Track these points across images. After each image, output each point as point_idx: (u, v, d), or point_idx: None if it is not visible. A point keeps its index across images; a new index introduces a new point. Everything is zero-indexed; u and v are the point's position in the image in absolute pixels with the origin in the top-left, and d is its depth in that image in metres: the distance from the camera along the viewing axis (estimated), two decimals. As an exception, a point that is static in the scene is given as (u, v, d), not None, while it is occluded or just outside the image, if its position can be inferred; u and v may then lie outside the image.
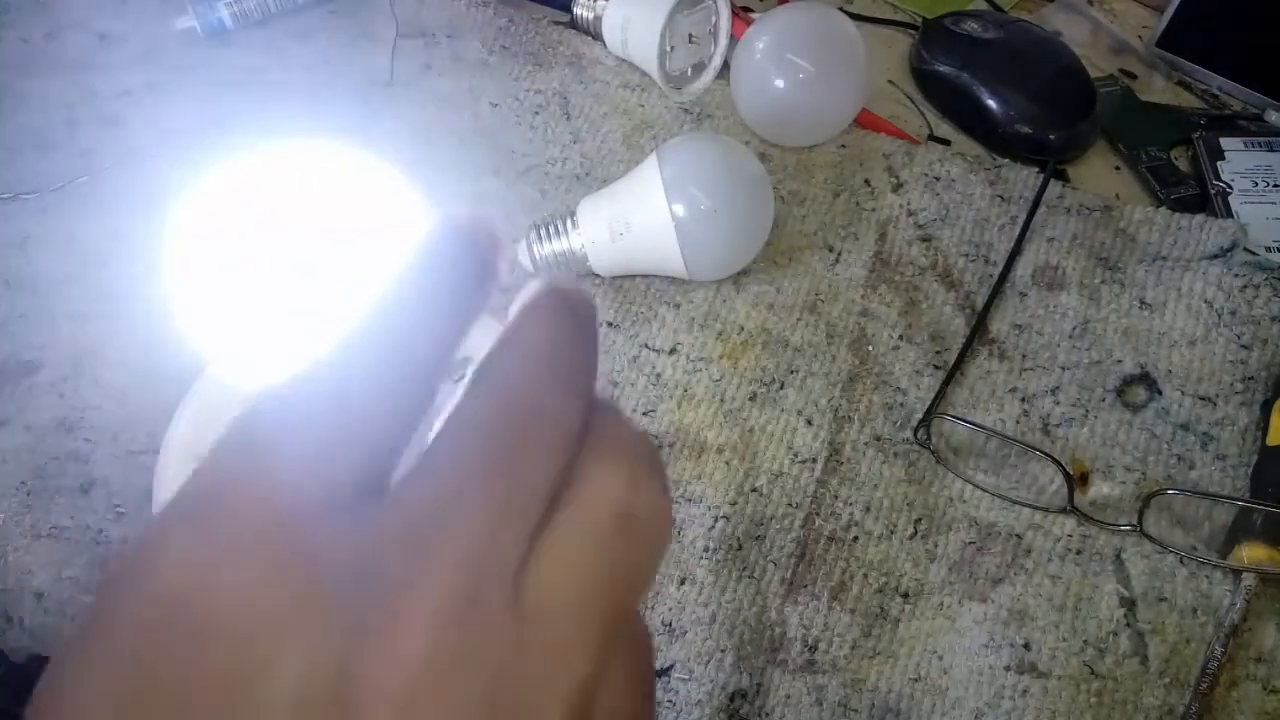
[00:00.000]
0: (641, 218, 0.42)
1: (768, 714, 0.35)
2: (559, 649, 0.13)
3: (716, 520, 0.39)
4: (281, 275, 0.25)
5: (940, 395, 0.42)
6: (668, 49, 0.51)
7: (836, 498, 0.40)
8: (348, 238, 0.25)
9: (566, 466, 0.14)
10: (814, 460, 0.41)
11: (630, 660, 0.15)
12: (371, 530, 0.13)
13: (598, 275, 0.45)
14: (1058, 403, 0.42)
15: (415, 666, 0.12)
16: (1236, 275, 0.44)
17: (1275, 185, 0.49)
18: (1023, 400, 0.42)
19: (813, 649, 0.36)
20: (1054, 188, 0.49)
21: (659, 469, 0.15)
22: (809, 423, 0.42)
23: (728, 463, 0.40)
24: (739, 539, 0.38)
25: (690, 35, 0.52)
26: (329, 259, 0.25)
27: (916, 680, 0.36)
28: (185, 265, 0.27)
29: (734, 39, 0.51)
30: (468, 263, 0.15)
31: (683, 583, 0.38)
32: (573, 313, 0.15)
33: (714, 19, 0.52)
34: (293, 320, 0.26)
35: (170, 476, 0.38)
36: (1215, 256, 0.45)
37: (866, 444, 0.41)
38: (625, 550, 0.14)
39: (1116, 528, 0.39)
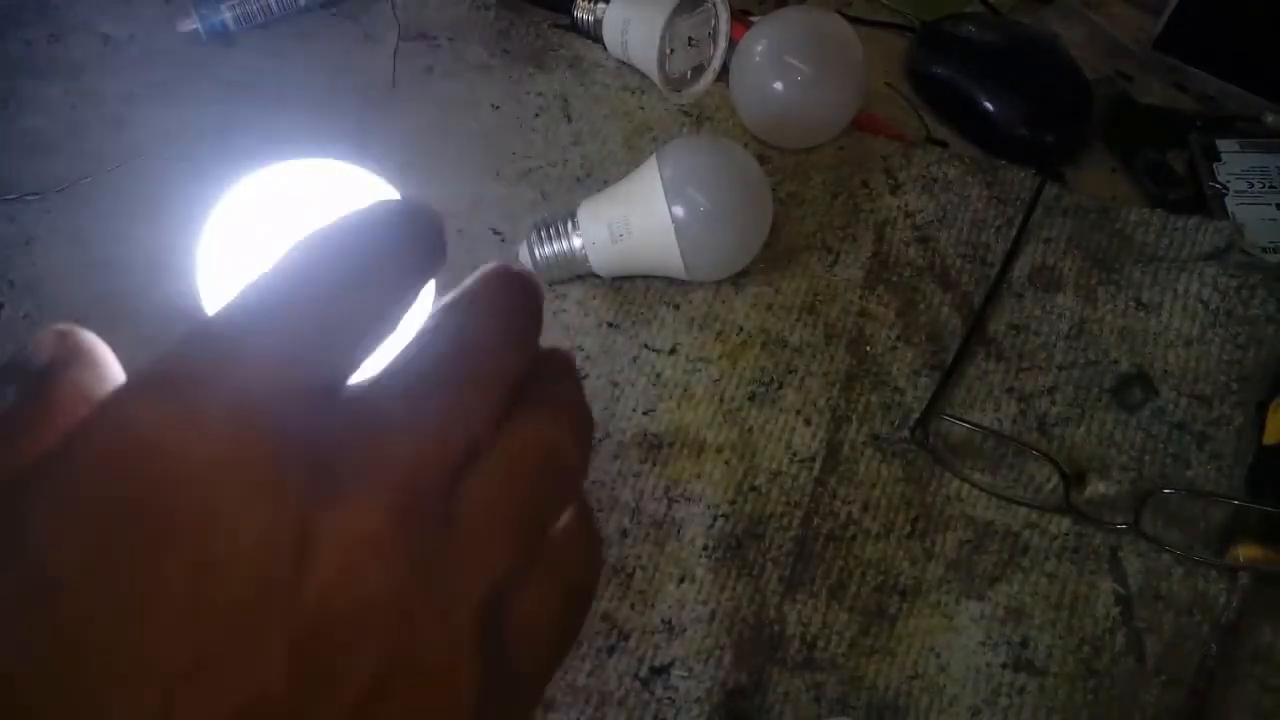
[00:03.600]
0: (641, 219, 0.43)
1: (766, 711, 0.35)
2: (476, 551, 0.15)
3: (715, 519, 0.39)
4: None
5: (938, 395, 0.42)
6: (668, 52, 0.51)
7: (835, 497, 0.40)
8: None
9: (506, 403, 0.17)
10: (812, 459, 0.41)
11: (552, 583, 0.17)
12: (330, 421, 0.15)
13: (598, 276, 0.45)
14: (1054, 402, 0.43)
15: (364, 537, 0.14)
16: (1232, 276, 0.45)
17: (1271, 186, 0.50)
18: (1019, 400, 0.43)
19: (811, 646, 0.37)
20: (1051, 189, 0.49)
21: (586, 419, 0.18)
22: (807, 422, 0.42)
23: (727, 462, 0.41)
24: (738, 538, 0.39)
25: (690, 38, 0.52)
26: None
27: (914, 678, 0.36)
28: (210, 280, 0.28)
29: (733, 42, 0.52)
30: (418, 225, 0.17)
31: (682, 581, 0.38)
32: (524, 283, 0.18)
33: (713, 22, 0.52)
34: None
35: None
36: (1211, 257, 0.46)
37: (864, 443, 0.41)
38: (544, 482, 0.17)
39: (1113, 526, 0.39)
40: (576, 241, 0.44)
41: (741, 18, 0.55)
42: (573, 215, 0.44)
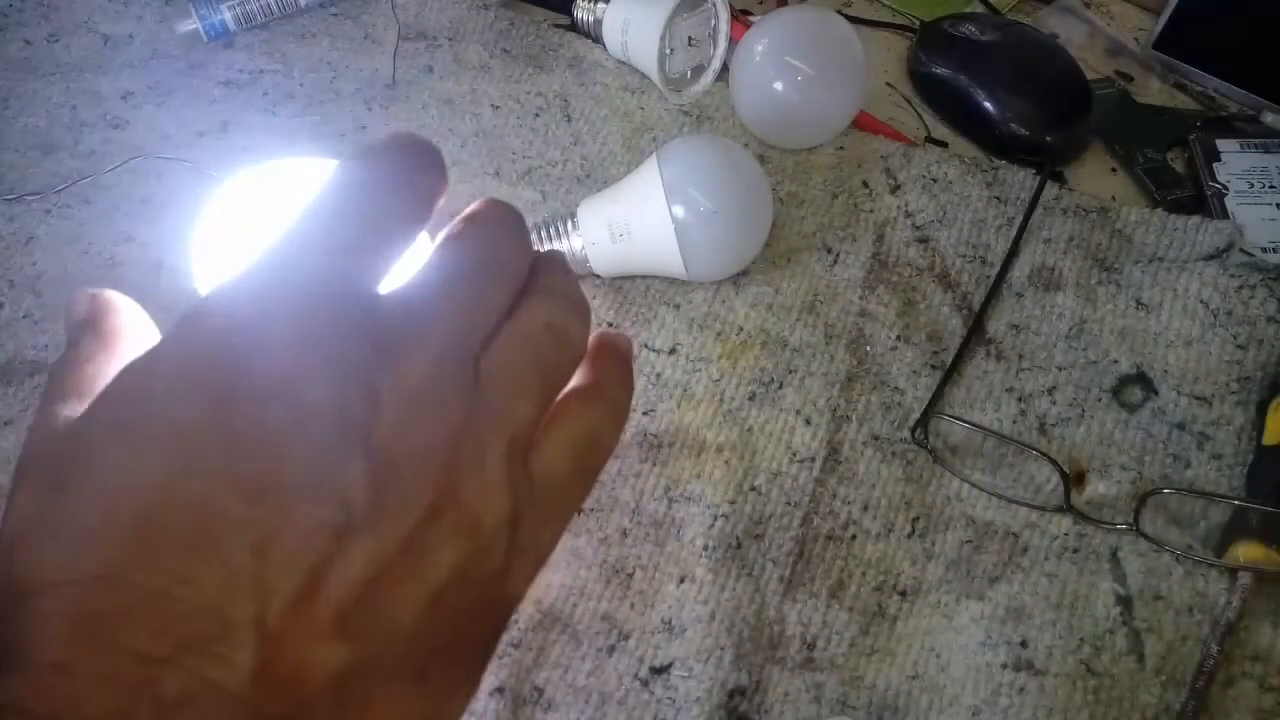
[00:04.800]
0: (641, 219, 0.43)
1: (766, 711, 0.35)
2: (500, 405, 0.19)
3: (715, 519, 0.39)
4: None
5: (938, 395, 0.42)
6: (667, 52, 0.51)
7: (835, 497, 0.40)
8: None
9: (514, 294, 0.21)
10: (812, 460, 0.41)
11: (564, 436, 0.21)
12: (379, 310, 0.19)
13: (598, 276, 0.45)
14: (1054, 402, 0.43)
15: (417, 394, 0.18)
16: (1232, 276, 0.45)
17: (1271, 186, 0.50)
18: (1019, 400, 0.43)
19: (811, 646, 0.37)
20: (1050, 189, 0.49)
21: (581, 301, 0.22)
22: (807, 422, 0.42)
23: (727, 462, 0.40)
24: (738, 538, 0.39)
25: (690, 38, 0.52)
26: None
27: (914, 678, 0.36)
28: (204, 273, 0.28)
29: (733, 42, 0.52)
30: (416, 154, 0.21)
31: (682, 581, 0.38)
32: (511, 208, 0.22)
33: (713, 22, 0.52)
34: None
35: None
36: (1211, 257, 0.46)
37: (864, 443, 0.41)
38: (548, 350, 0.21)
39: (1113, 526, 0.39)
40: (576, 241, 0.44)
41: (741, 18, 0.55)
42: (573, 215, 0.44)
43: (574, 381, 0.22)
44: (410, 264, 0.21)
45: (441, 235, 0.21)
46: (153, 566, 0.16)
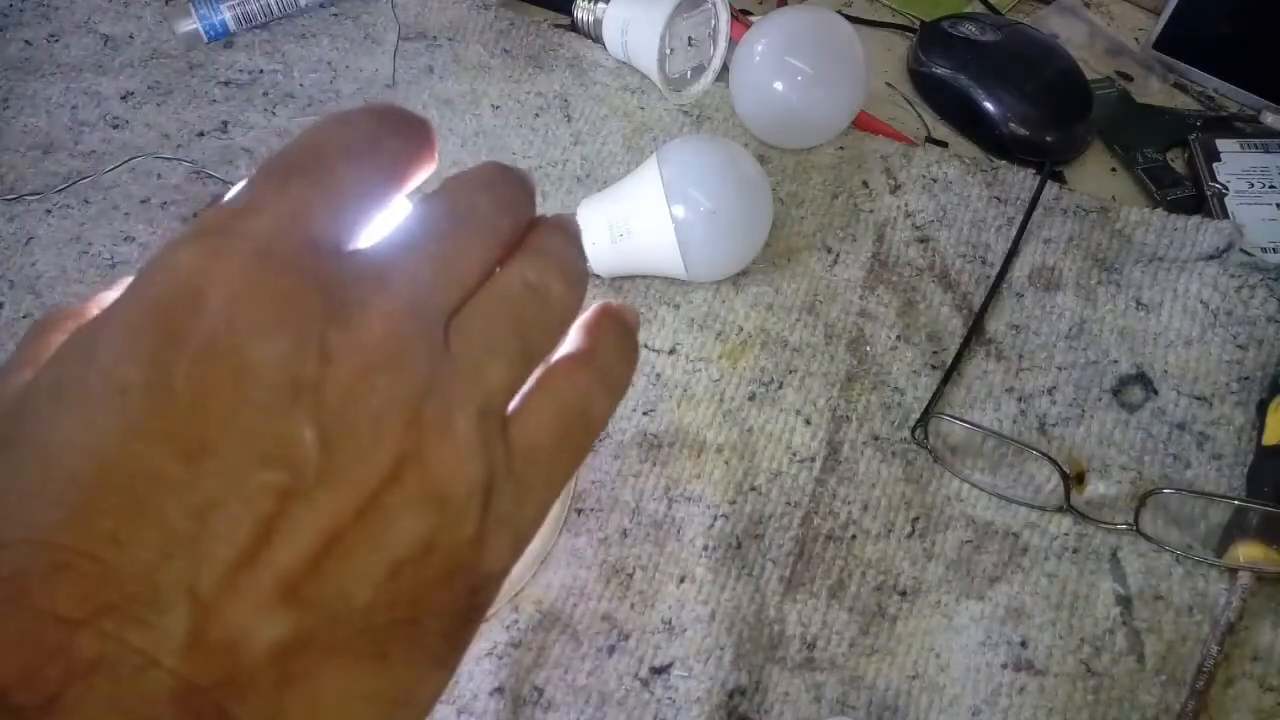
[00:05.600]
0: (641, 219, 0.43)
1: (766, 711, 0.35)
2: (469, 366, 0.18)
3: (715, 519, 0.39)
4: None
5: (938, 395, 0.42)
6: (667, 52, 0.51)
7: (835, 497, 0.40)
8: None
9: (498, 254, 0.20)
10: (812, 459, 0.41)
11: (548, 405, 0.19)
12: (339, 264, 0.18)
13: (598, 276, 0.45)
14: (1054, 402, 0.43)
15: (373, 349, 0.17)
16: (1232, 276, 0.45)
17: (1271, 186, 0.50)
18: (1019, 400, 0.43)
19: (811, 646, 0.37)
20: (1050, 189, 0.49)
21: (572, 262, 0.21)
22: (807, 422, 0.42)
23: (727, 462, 0.40)
24: (738, 538, 0.39)
25: (690, 38, 0.52)
26: None
27: (914, 678, 0.36)
28: None
29: (733, 42, 0.52)
30: (403, 119, 0.20)
31: (682, 581, 0.38)
32: (510, 167, 0.21)
33: (713, 22, 0.52)
34: None
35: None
36: (1211, 257, 0.46)
37: (864, 443, 0.41)
38: (528, 314, 0.19)
39: (1113, 526, 0.39)
40: (576, 241, 0.44)
41: (741, 18, 0.55)
42: (572, 216, 0.44)
43: (566, 347, 0.21)
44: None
45: (422, 194, 0.20)
46: (81, 529, 0.15)
